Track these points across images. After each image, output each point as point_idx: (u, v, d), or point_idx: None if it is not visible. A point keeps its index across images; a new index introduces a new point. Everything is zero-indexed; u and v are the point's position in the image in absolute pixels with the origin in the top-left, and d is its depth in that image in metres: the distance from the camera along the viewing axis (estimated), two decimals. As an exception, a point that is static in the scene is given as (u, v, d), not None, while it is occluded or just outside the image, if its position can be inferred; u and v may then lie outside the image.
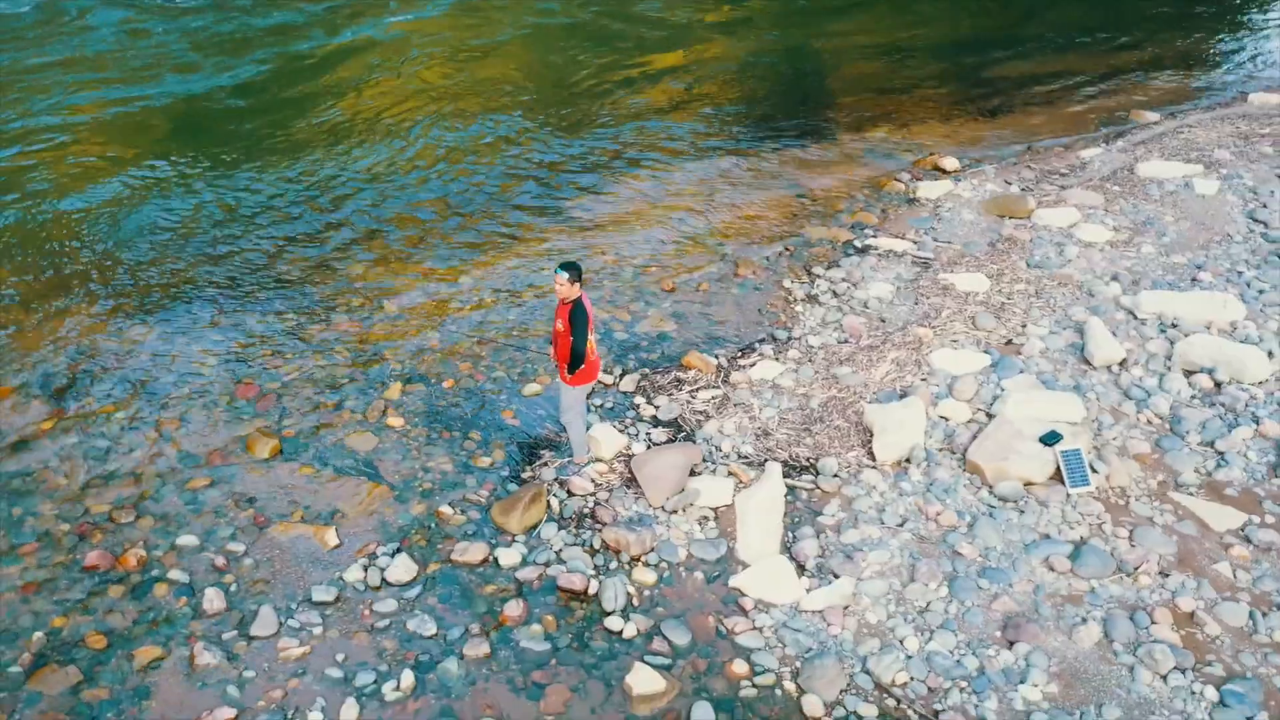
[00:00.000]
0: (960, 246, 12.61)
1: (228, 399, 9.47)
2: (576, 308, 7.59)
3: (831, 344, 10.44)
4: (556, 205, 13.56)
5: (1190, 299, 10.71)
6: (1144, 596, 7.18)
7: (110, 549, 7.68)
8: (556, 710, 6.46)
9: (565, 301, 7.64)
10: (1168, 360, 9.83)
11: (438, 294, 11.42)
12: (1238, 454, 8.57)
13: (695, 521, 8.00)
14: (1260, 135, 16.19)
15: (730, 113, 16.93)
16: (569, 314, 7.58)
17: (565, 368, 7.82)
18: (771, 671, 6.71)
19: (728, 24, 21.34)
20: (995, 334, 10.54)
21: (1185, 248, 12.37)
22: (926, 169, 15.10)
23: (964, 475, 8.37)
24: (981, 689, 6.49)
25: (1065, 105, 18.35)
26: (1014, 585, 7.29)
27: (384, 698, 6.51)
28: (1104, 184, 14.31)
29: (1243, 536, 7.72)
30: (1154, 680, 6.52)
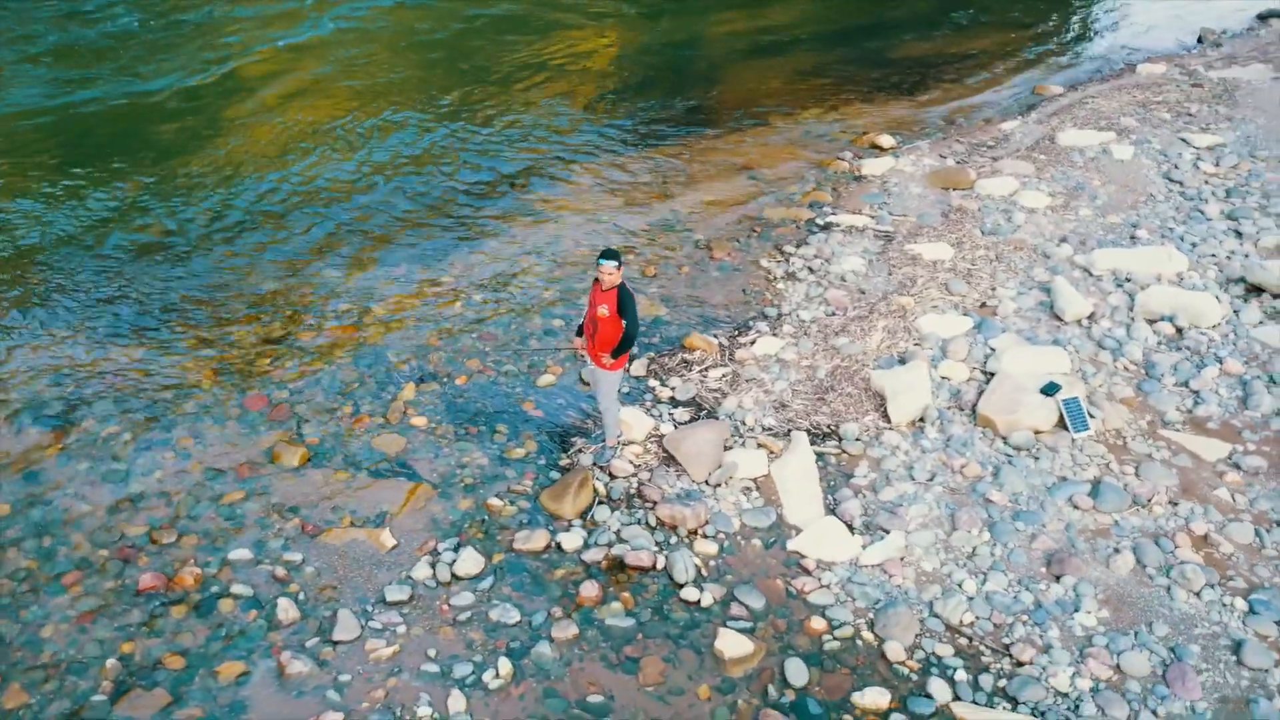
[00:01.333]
0: (915, 219, 13.26)
1: (238, 412, 9.31)
2: (624, 292, 7.80)
3: (821, 317, 10.90)
4: (515, 201, 13.67)
5: (1138, 254, 11.60)
6: (1162, 524, 7.87)
7: (161, 570, 7.50)
8: (655, 681, 6.70)
9: (609, 288, 7.83)
10: (1130, 311, 10.64)
11: (422, 294, 11.41)
12: (1211, 391, 9.39)
13: (740, 493, 8.32)
14: (1155, 103, 17.45)
15: (666, 104, 17.30)
16: (617, 299, 7.77)
17: (608, 353, 8.00)
18: (848, 624, 7.10)
19: (639, 18, 21.69)
20: (969, 298, 11.19)
21: (1117, 209, 13.32)
22: (865, 147, 15.73)
23: (977, 429, 8.94)
24: (1041, 620, 7.03)
25: (971, 82, 19.37)
26: (1046, 525, 7.87)
27: (486, 686, 6.63)
28: (1031, 154, 15.22)
29: (1232, 464, 8.51)
30: (1189, 597, 7.19)
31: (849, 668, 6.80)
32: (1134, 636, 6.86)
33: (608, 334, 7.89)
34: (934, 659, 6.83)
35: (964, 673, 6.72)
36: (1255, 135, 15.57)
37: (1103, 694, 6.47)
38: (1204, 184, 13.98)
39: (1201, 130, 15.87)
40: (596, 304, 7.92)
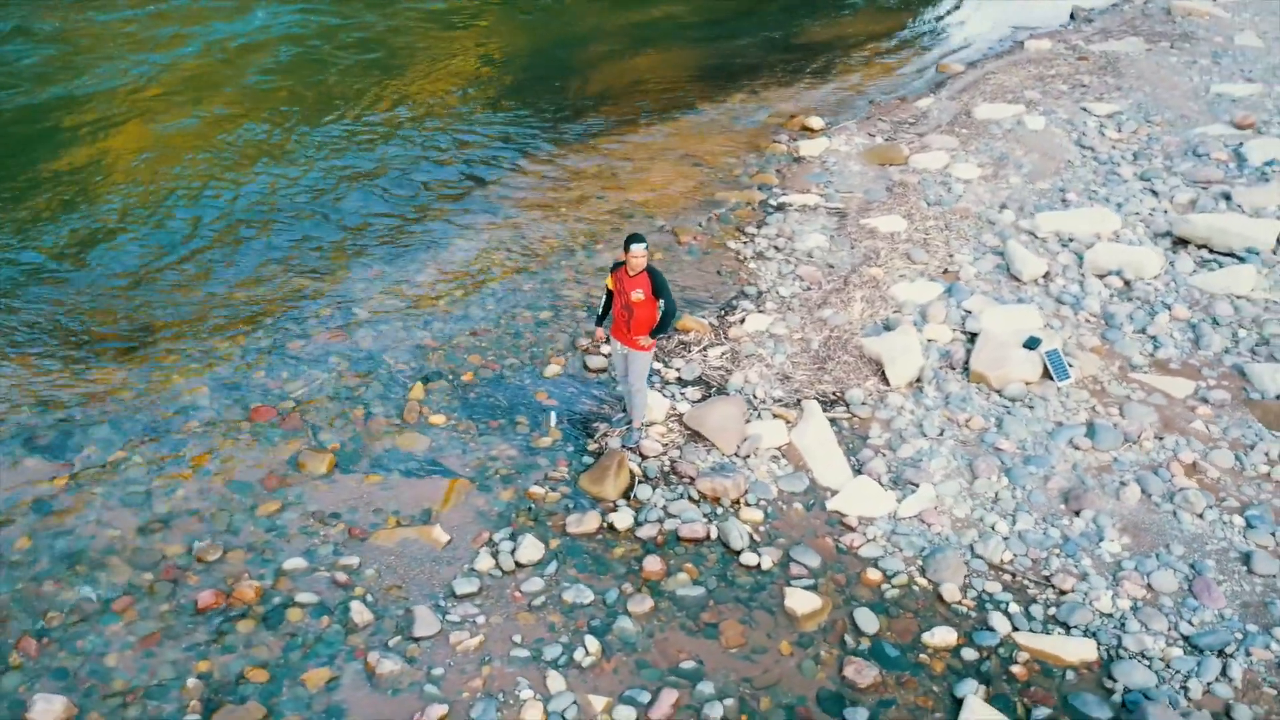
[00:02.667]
0: (862, 195, 13.92)
1: (248, 425, 9.16)
2: (655, 273, 8.06)
3: (799, 292, 11.39)
4: (470, 201, 13.75)
5: (1076, 216, 12.51)
6: (1154, 457, 8.65)
7: (216, 586, 7.39)
8: (738, 643, 7.02)
9: (638, 272, 8.08)
10: (1080, 269, 11.51)
11: (401, 295, 11.38)
12: (1166, 335, 10.29)
13: (769, 462, 8.71)
14: (1050, 76, 18.66)
15: (594, 97, 17.63)
16: (650, 281, 8.02)
17: (646, 334, 8.24)
18: (902, 572, 7.58)
19: (543, 14, 21.86)
20: (931, 265, 11.87)
21: (1043, 175, 14.28)
22: (796, 130, 16.34)
23: (972, 386, 9.57)
24: (1073, 552, 7.67)
25: (877, 63, 20.33)
26: (1055, 466, 8.54)
27: (580, 664, 6.82)
28: (953, 128, 16.11)
29: (1200, 399, 9.39)
30: (1194, 519, 7.95)
31: (912, 612, 7.26)
32: (1156, 558, 7.55)
33: (644, 316, 8.13)
34: (986, 596, 7.36)
35: (1016, 605, 7.27)
36: (1146, 102, 16.86)
37: (1142, 611, 7.12)
38: (1112, 149, 15.10)
39: (1098, 100, 17.07)
40: (628, 290, 8.13)
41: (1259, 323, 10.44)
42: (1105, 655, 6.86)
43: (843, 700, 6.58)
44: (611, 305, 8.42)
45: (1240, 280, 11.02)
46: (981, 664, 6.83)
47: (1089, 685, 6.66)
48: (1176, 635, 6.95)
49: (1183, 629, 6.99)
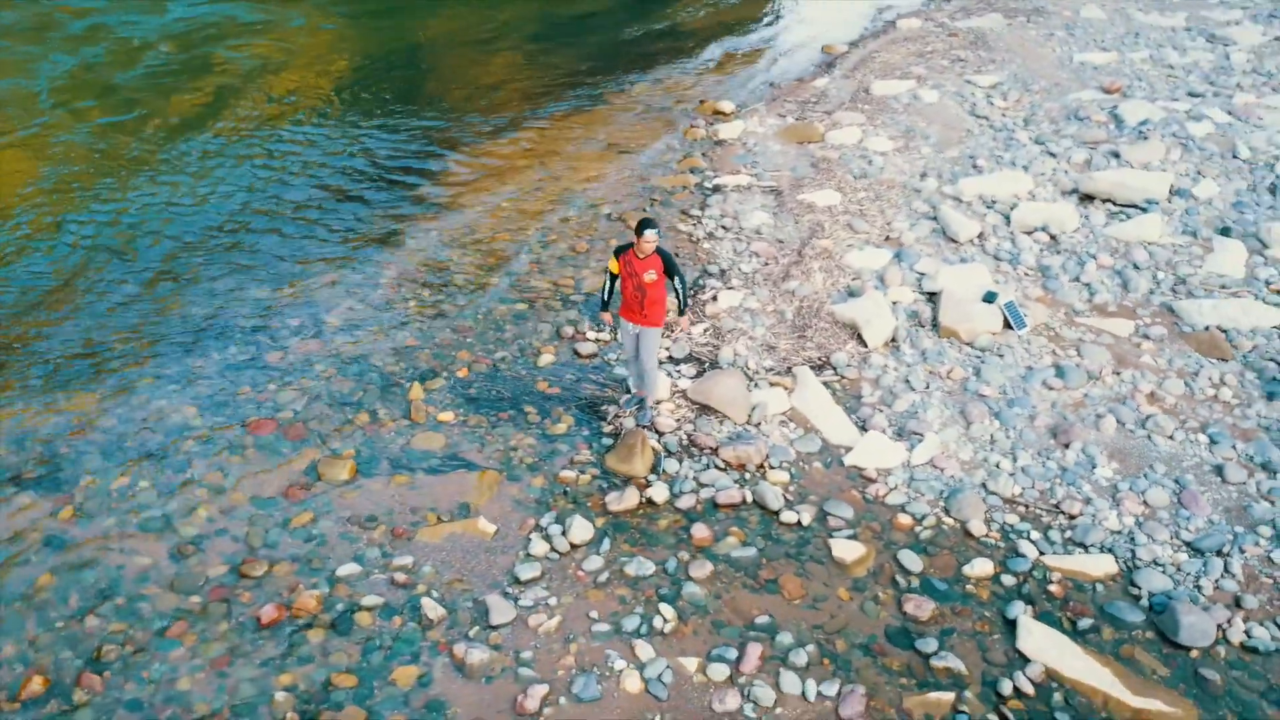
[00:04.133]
0: (789, 172, 14.57)
1: (250, 439, 8.99)
2: (665, 254, 8.37)
3: (759, 268, 11.91)
4: (409, 199, 13.74)
5: (993, 180, 13.50)
6: (1118, 390, 9.56)
7: (272, 600, 7.31)
8: (799, 595, 7.46)
9: (648, 255, 8.37)
10: (1009, 227, 12.46)
11: (368, 298, 11.30)
12: (1098, 282, 11.31)
13: (779, 427, 9.17)
14: (929, 53, 19.86)
15: (510, 91, 17.70)
16: (662, 262, 8.33)
17: (661, 313, 8.54)
18: (929, 514, 8.18)
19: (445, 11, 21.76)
20: (873, 234, 12.60)
21: (949, 145, 15.28)
22: (709, 114, 16.87)
23: (943, 340, 10.30)
24: (1072, 480, 8.46)
25: (764, 47, 21.09)
26: (1036, 406, 9.34)
27: (661, 631, 7.10)
28: (856, 105, 16.98)
29: (1142, 336, 10.40)
30: (1167, 441, 8.88)
31: (947, 549, 7.86)
32: (1145, 478, 8.41)
33: (657, 295, 8.43)
34: (1008, 527, 8.04)
35: (1036, 533, 7.98)
36: (1021, 73, 18.19)
37: (1146, 525, 7.94)
38: (1003, 116, 16.26)
39: (977, 72, 18.30)
40: (640, 271, 8.40)
41: (1173, 265, 11.59)
42: (1124, 567, 7.62)
43: (909, 634, 7.09)
44: (615, 288, 8.64)
45: (1148, 228, 12.17)
46: (1021, 587, 7.47)
47: (1118, 594, 7.40)
48: (1180, 542, 7.79)
49: (1183, 536, 7.83)
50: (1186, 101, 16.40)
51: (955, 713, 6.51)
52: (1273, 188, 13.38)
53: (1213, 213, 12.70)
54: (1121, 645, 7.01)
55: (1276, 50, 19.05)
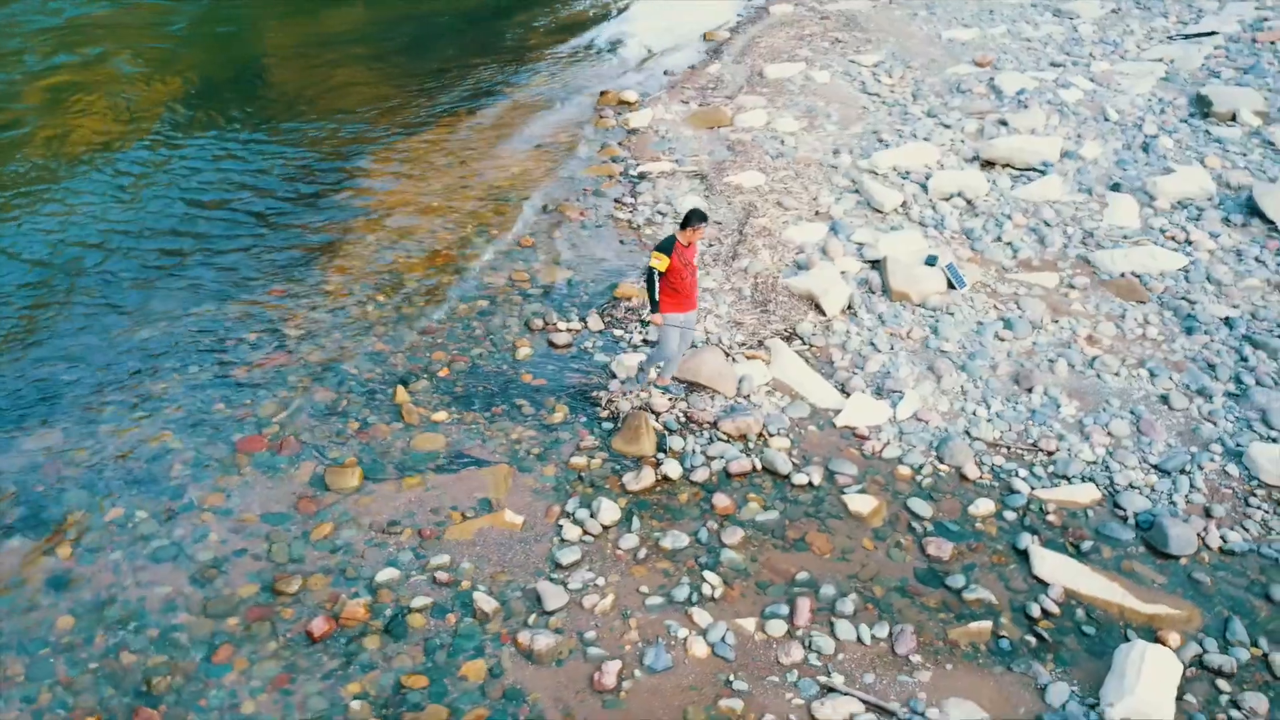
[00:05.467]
0: (708, 156, 15.02)
1: (244, 459, 8.79)
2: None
3: (705, 249, 12.30)
4: (337, 205, 13.48)
5: (903, 152, 14.31)
6: (1060, 336, 10.43)
7: (317, 614, 7.25)
8: (827, 549, 7.91)
9: (692, 243, 8.62)
10: (928, 195, 13.28)
11: (320, 307, 11.12)
12: (1019, 240, 12.23)
13: (767, 397, 9.61)
14: (807, 35, 20.72)
15: (413, 89, 17.50)
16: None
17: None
18: (926, 464, 8.77)
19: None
20: (804, 210, 13.20)
21: (851, 122, 16.06)
22: (614, 104, 17.16)
23: (897, 304, 10.96)
24: (1043, 420, 9.22)
25: (646, 36, 21.47)
26: (995, 357, 10.10)
27: (711, 597, 7.41)
28: (754, 89, 17.59)
29: (1069, 286, 11.34)
30: (1114, 378, 9.77)
31: (949, 493, 8.47)
32: (1105, 412, 9.25)
33: (696, 281, 8.70)
34: (997, 468, 8.72)
35: (1023, 470, 8.68)
36: (898, 51, 19.21)
37: (1116, 453, 8.76)
38: (892, 93, 17.18)
39: (858, 52, 19.22)
40: (691, 259, 8.63)
41: (1078, 220, 12.63)
42: (1106, 492, 8.39)
43: (937, 573, 7.63)
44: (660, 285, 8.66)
45: (1050, 189, 13.21)
46: (1023, 520, 8.13)
47: (1107, 517, 8.15)
48: (1148, 465, 8.63)
49: (1150, 460, 8.67)
50: (1051, 71, 17.71)
51: (996, 638, 7.05)
52: (1145, 145, 14.69)
53: (1100, 171, 13.87)
54: (1121, 561, 7.74)
55: (1115, 21, 20.76)
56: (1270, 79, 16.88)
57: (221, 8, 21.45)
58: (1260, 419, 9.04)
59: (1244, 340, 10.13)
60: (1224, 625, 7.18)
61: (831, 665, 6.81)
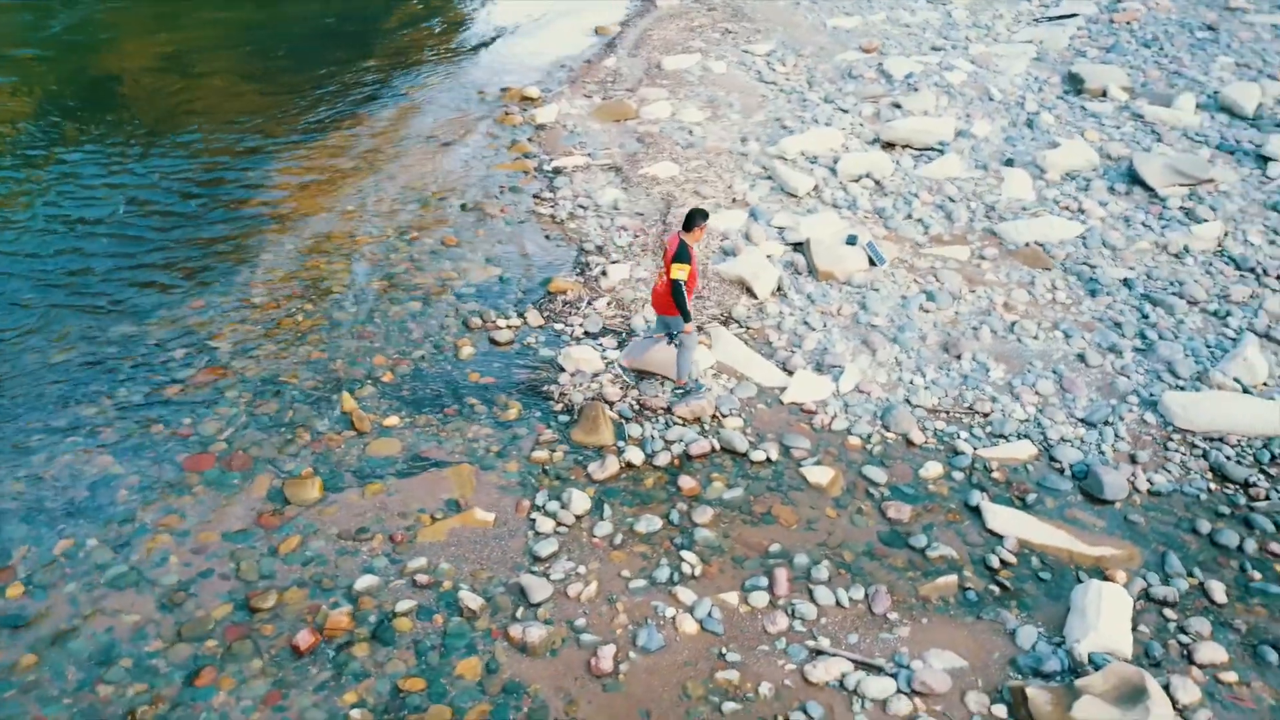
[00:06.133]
0: (619, 149, 15.22)
1: (194, 478, 8.57)
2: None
3: (632, 241, 12.51)
4: (247, 212, 13.16)
5: (809, 138, 14.80)
6: (979, 305, 11.02)
7: (298, 628, 7.16)
8: (793, 520, 8.21)
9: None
10: (837, 178, 13.78)
11: (247, 318, 10.87)
12: (928, 216, 12.84)
13: (714, 380, 9.87)
14: (697, 27, 21.14)
15: (307, 92, 17.12)
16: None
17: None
18: (873, 433, 9.17)
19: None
20: (721, 198, 13.53)
21: (753, 110, 16.50)
22: (517, 100, 17.18)
23: (824, 283, 11.38)
24: (976, 384, 9.76)
25: (525, 31, 21.53)
26: (921, 328, 10.60)
27: (692, 575, 7.61)
28: (654, 81, 17.86)
29: (980, 257, 11.98)
30: (1034, 341, 10.39)
31: (899, 459, 8.88)
32: (1030, 373, 9.84)
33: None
34: (939, 432, 9.19)
35: (963, 432, 9.17)
36: (788, 40, 19.80)
37: (1045, 411, 9.35)
38: (787, 80, 17.71)
39: (749, 42, 19.73)
40: (695, 258, 8.76)
41: (978, 194, 13.32)
42: (1042, 448, 8.94)
43: (900, 535, 8.02)
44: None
45: (950, 167, 13.88)
46: (970, 479, 8.61)
47: (1046, 470, 8.70)
48: (1075, 420, 9.23)
49: (1076, 415, 9.28)
50: (934, 55, 18.54)
51: (962, 590, 7.48)
52: (1029, 122, 15.55)
53: (993, 148, 14.63)
54: (1065, 510, 8.29)
55: (985, 6, 21.82)
56: (1130, 56, 18.06)
57: (94, 14, 20.47)
58: (1167, 370, 9.75)
59: (1143, 299, 10.89)
60: (1162, 560, 7.76)
61: (816, 629, 7.09)
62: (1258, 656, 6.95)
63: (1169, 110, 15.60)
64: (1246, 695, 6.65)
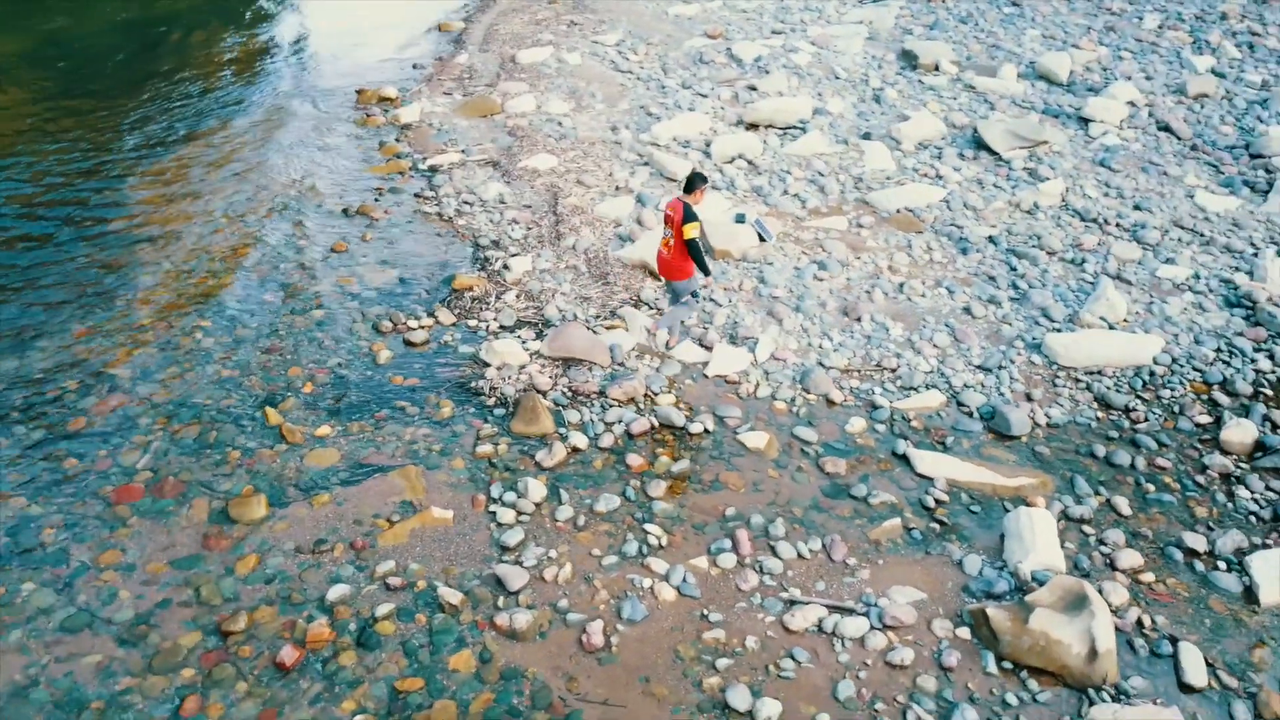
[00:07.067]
0: (492, 144, 15.29)
1: (125, 511, 8.24)
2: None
3: (527, 233, 12.66)
4: (109, 233, 12.51)
5: (677, 123, 15.28)
6: (866, 270, 11.78)
7: (278, 646, 7.07)
8: (740, 484, 8.63)
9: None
10: (713, 160, 14.32)
11: (142, 341, 10.44)
12: (804, 191, 13.55)
13: (639, 361, 10.20)
14: (543, 20, 21.35)
15: (132, 109, 16.29)
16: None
17: None
18: (796, 396, 9.71)
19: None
20: (604, 186, 13.84)
21: (616, 99, 16.87)
22: (375, 101, 16.94)
23: (720, 261, 11.88)
24: (879, 343, 10.45)
25: (363, 32, 21.21)
26: (819, 295, 11.25)
27: (659, 546, 7.90)
28: (512, 75, 17.95)
29: (858, 226, 12.77)
30: (922, 299, 11.21)
31: (824, 418, 9.45)
32: (925, 329, 10.63)
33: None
34: (855, 390, 9.82)
35: (877, 388, 9.84)
36: (634, 29, 20.27)
37: (946, 362, 10.13)
38: (642, 68, 18.16)
39: (597, 33, 20.07)
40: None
41: (845, 168, 14.15)
42: (950, 395, 9.71)
43: (839, 487, 8.57)
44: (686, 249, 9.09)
45: (814, 144, 14.66)
46: (892, 429, 9.27)
47: (957, 415, 9.46)
48: (973, 366, 10.06)
49: (973, 362, 10.11)
50: (776, 38, 19.38)
51: (907, 530, 8.09)
52: (876, 97, 16.55)
53: (849, 123, 15.51)
54: (980, 448, 9.04)
55: (813, -10, 22.89)
56: (951, 32, 19.43)
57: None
58: (1043, 315, 10.72)
59: (1009, 253, 11.89)
60: (1071, 484, 8.61)
61: (785, 582, 7.52)
62: (1166, 557, 7.85)
63: (995, 80, 16.91)
64: (1164, 591, 7.51)
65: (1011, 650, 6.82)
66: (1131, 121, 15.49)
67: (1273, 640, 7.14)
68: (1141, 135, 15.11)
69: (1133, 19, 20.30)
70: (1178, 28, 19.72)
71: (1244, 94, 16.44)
